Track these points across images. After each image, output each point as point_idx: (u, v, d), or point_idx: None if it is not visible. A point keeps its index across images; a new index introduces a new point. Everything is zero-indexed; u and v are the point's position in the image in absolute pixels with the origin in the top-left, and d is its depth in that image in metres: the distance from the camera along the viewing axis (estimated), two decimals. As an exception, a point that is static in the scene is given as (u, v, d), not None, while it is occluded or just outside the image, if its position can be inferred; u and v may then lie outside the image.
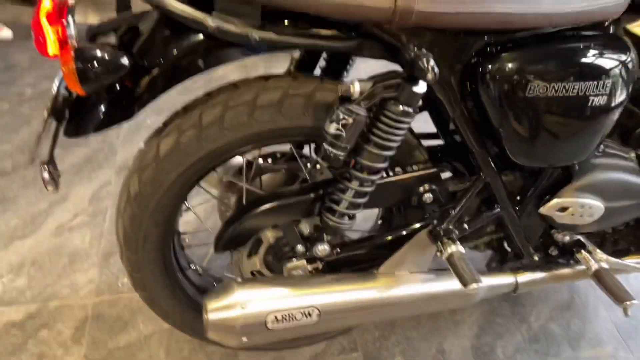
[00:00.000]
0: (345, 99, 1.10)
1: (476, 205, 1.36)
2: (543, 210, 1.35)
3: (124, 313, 1.73)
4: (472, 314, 1.83)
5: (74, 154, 2.39)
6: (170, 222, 1.24)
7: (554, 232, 1.44)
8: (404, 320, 1.79)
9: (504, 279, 1.46)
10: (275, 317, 1.19)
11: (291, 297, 1.21)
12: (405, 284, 1.30)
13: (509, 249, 1.52)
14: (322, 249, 1.30)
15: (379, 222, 1.60)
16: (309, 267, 1.36)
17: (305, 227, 1.34)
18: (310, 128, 1.16)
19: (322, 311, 1.22)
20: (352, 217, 1.25)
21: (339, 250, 1.32)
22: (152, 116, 2.59)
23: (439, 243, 1.27)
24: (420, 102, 1.13)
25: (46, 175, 1.07)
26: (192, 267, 1.48)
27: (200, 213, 2.04)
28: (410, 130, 1.31)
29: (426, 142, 1.37)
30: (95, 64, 0.97)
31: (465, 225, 1.34)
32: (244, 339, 1.18)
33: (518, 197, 1.36)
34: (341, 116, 1.05)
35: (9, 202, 2.11)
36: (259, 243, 1.38)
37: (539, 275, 1.45)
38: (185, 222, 2.01)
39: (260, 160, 1.47)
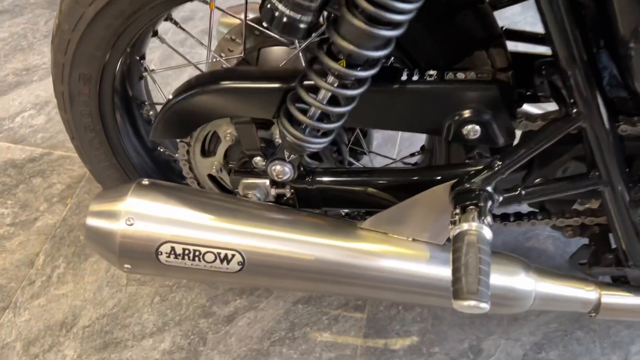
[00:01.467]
0: None
1: (547, 163, 0.78)
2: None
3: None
4: (543, 313, 1.26)
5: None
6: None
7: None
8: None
9: (580, 292, 0.89)
10: (173, 249, 0.80)
11: (206, 226, 0.80)
12: (394, 253, 0.82)
13: (612, 245, 0.92)
14: (279, 169, 0.85)
15: (417, 153, 1.08)
16: (273, 192, 0.92)
17: (275, 133, 0.89)
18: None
19: (248, 261, 0.80)
20: (322, 136, 0.77)
21: (307, 178, 0.86)
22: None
23: (458, 208, 0.74)
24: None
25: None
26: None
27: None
28: (489, 18, 0.75)
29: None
30: None
31: (520, 191, 0.77)
32: (127, 266, 0.81)
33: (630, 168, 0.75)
34: None
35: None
36: (217, 140, 0.97)
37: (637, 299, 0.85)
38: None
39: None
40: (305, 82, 0.75)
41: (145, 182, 0.85)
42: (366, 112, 0.79)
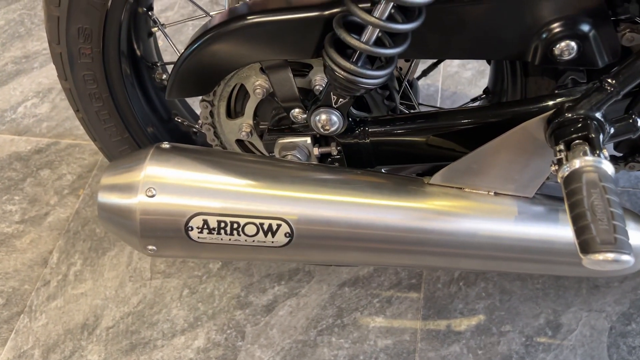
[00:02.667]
0: None
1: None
2: None
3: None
4: (627, 278, 1.10)
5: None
6: None
7: None
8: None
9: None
10: (205, 223, 0.65)
11: (244, 192, 0.65)
12: (473, 211, 0.66)
13: None
14: (325, 119, 0.69)
15: (480, 98, 0.92)
16: (316, 151, 0.77)
17: (315, 79, 0.73)
18: None
19: (297, 231, 0.65)
20: (385, 66, 0.61)
21: (362, 128, 0.70)
22: None
23: (561, 144, 0.58)
24: None
25: None
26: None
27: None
28: None
29: None
30: None
31: (635, 119, 0.61)
32: (151, 247, 0.66)
33: None
34: None
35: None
36: (244, 96, 0.82)
37: None
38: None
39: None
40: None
41: (166, 145, 0.70)
42: (432, 36, 0.63)
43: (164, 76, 0.97)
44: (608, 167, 0.54)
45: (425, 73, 1.05)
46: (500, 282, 1.12)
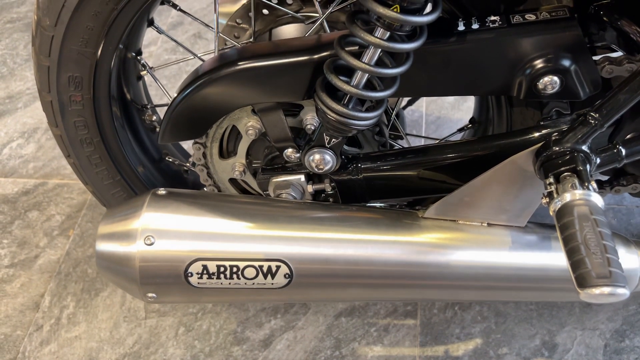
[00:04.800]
0: None
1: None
2: None
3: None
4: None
5: None
6: None
7: None
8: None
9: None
10: (205, 268, 0.65)
11: (241, 235, 0.66)
12: (468, 242, 0.67)
13: None
14: (319, 159, 0.70)
15: (466, 128, 0.94)
16: (310, 189, 0.78)
17: (305, 118, 0.74)
18: None
19: (296, 271, 0.66)
20: (375, 107, 0.63)
21: (354, 165, 0.72)
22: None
23: (550, 177, 0.60)
24: None
25: None
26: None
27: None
28: None
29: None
30: None
31: (619, 148, 0.63)
32: (150, 295, 0.66)
33: None
34: None
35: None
36: (237, 136, 0.83)
37: None
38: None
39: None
40: (346, 42, 0.61)
41: (162, 191, 0.70)
42: (420, 76, 0.65)
43: (154, 117, 0.97)
44: (598, 200, 0.56)
45: (410, 103, 1.08)
46: (495, 305, 1.13)
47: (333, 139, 0.70)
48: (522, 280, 0.71)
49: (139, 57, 0.89)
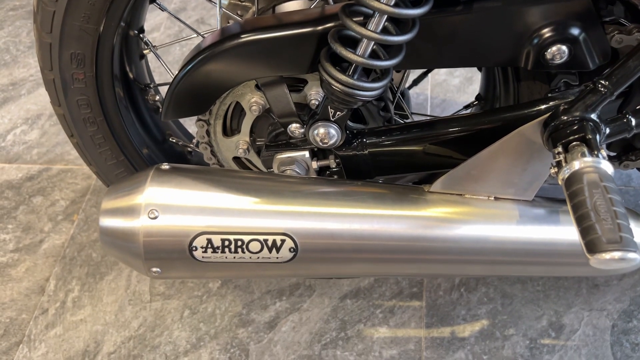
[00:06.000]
0: None
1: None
2: None
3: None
4: (626, 276, 1.11)
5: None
6: None
7: None
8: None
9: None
10: (209, 242, 0.64)
11: (246, 209, 0.65)
12: (475, 216, 0.66)
13: None
14: (324, 132, 0.69)
15: (472, 104, 0.93)
16: (315, 165, 0.77)
17: (310, 94, 0.74)
18: None
19: (301, 246, 0.65)
20: (380, 78, 0.62)
21: (359, 140, 0.71)
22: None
23: (559, 147, 0.59)
24: None
25: None
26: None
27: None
28: None
29: None
30: None
31: (629, 118, 0.62)
32: (155, 270, 0.66)
33: None
34: None
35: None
36: (240, 113, 0.82)
37: None
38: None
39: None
40: (350, 11, 0.60)
41: (165, 166, 0.70)
42: (425, 46, 0.64)
43: (157, 97, 0.97)
44: (607, 167, 0.55)
45: (416, 82, 1.07)
46: (501, 286, 1.12)
47: (338, 112, 0.69)
48: (529, 254, 0.70)
49: (141, 35, 0.88)
